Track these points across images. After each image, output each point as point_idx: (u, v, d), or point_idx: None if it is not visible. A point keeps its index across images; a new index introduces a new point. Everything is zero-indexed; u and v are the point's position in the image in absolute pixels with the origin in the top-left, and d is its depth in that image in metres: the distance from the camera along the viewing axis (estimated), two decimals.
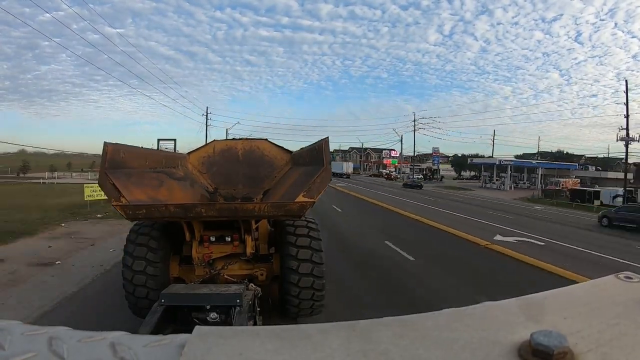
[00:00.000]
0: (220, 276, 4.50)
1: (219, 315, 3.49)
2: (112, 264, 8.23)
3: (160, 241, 4.61)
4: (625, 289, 0.53)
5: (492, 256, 10.85)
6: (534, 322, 0.46)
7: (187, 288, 3.89)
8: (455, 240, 12.94)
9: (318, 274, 4.60)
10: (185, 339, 0.42)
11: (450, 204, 27.33)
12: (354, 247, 11.03)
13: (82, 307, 6.08)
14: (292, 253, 4.59)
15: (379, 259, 9.59)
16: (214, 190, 5.76)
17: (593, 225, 20.03)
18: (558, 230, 16.98)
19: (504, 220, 19.23)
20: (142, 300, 4.43)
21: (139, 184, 3.94)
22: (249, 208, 4.08)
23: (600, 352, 0.40)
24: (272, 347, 0.41)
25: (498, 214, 22.14)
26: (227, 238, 4.53)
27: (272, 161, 6.07)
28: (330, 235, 10.88)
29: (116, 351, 0.41)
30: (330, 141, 4.21)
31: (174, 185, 4.63)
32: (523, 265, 9.85)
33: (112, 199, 3.52)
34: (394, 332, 0.44)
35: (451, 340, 0.43)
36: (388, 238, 12.07)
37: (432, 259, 9.93)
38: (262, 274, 4.80)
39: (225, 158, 6.12)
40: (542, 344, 0.39)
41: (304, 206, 3.73)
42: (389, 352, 0.41)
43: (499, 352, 0.41)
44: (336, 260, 8.31)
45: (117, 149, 3.88)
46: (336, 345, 0.42)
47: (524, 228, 16.35)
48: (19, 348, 0.40)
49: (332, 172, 4.09)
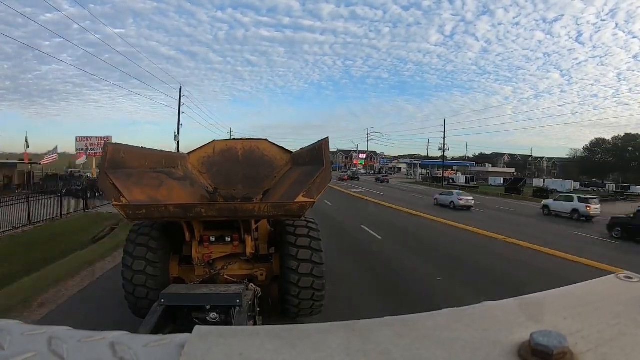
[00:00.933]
0: (220, 276, 4.49)
1: (219, 315, 3.49)
2: None
3: (160, 241, 4.60)
4: (625, 288, 0.53)
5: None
6: (534, 322, 0.46)
7: (187, 288, 3.88)
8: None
9: (318, 274, 4.60)
10: (185, 339, 0.42)
11: (368, 184, 51.77)
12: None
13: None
14: (292, 253, 4.58)
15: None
16: (214, 190, 5.76)
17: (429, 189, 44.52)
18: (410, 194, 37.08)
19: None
20: (142, 300, 4.43)
21: (139, 184, 3.94)
22: (248, 208, 4.07)
23: (600, 352, 0.40)
24: (272, 347, 0.41)
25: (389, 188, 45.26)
26: (227, 238, 4.53)
27: (272, 161, 6.07)
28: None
29: (116, 351, 0.41)
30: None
31: (173, 185, 4.63)
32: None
33: (112, 199, 3.52)
34: (394, 332, 0.44)
35: (451, 340, 0.43)
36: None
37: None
38: (262, 274, 4.80)
39: (225, 158, 6.12)
40: (542, 344, 0.39)
41: (304, 206, 3.73)
42: (389, 352, 0.41)
43: (499, 352, 0.41)
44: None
45: (117, 149, 3.88)
46: (336, 345, 0.42)
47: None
48: (19, 348, 0.40)
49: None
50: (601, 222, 18.37)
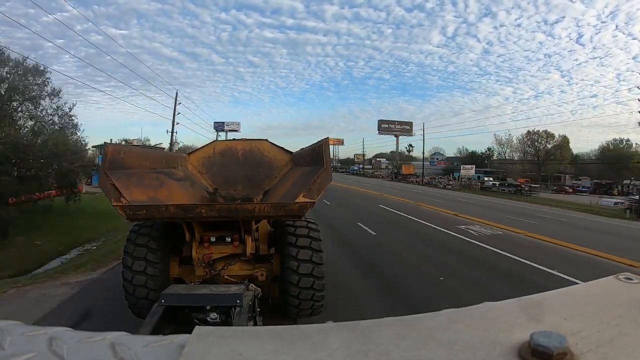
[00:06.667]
0: (220, 277, 4.49)
1: (219, 316, 3.49)
2: None
3: (160, 242, 4.60)
4: (625, 289, 0.53)
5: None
6: (534, 323, 0.46)
7: (187, 288, 3.88)
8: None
9: (318, 275, 4.60)
10: (185, 339, 0.42)
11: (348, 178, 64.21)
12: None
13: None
14: (292, 253, 4.58)
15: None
16: (214, 190, 5.76)
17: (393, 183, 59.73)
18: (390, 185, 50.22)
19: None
20: (142, 300, 4.42)
21: (139, 184, 3.94)
22: (249, 208, 4.07)
23: (600, 352, 0.40)
24: (272, 347, 0.41)
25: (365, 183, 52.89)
26: (227, 238, 4.53)
27: (272, 162, 6.07)
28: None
29: (116, 351, 0.41)
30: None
31: (174, 185, 4.63)
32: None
33: (112, 199, 3.52)
34: (394, 332, 0.44)
35: (452, 340, 0.43)
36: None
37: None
38: (262, 274, 4.80)
39: (225, 158, 6.13)
40: (542, 345, 0.39)
41: (304, 207, 3.73)
42: (389, 352, 0.41)
43: (499, 353, 0.41)
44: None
45: (118, 150, 3.89)
46: (336, 345, 0.42)
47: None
48: (19, 348, 0.40)
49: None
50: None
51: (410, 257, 10.10)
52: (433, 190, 46.18)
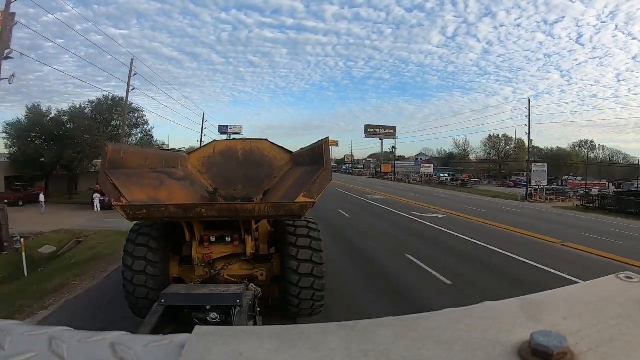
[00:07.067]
0: (220, 276, 4.49)
1: (219, 316, 3.49)
2: None
3: (161, 241, 4.60)
4: (625, 289, 0.53)
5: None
6: (534, 322, 0.46)
7: (187, 288, 3.88)
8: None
9: (318, 274, 4.60)
10: (185, 339, 0.42)
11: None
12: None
13: None
14: (292, 253, 4.58)
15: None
16: (214, 190, 5.76)
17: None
18: (373, 182, 59.56)
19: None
20: (142, 300, 4.42)
21: (139, 184, 3.94)
22: (249, 208, 4.07)
23: (600, 352, 0.40)
24: (272, 347, 0.41)
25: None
26: (227, 238, 4.53)
27: (272, 161, 6.07)
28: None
29: (116, 351, 0.41)
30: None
31: (174, 185, 4.63)
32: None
33: (112, 199, 3.52)
34: (394, 332, 0.44)
35: (451, 340, 0.43)
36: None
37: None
38: (262, 274, 4.80)
39: (225, 158, 6.12)
40: (542, 344, 0.39)
41: (304, 206, 3.72)
42: (389, 352, 0.41)
43: (499, 352, 0.41)
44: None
45: (117, 150, 3.89)
46: (336, 345, 0.42)
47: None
48: (19, 348, 0.40)
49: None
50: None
51: (353, 210, 20.31)
52: (399, 184, 55.52)
